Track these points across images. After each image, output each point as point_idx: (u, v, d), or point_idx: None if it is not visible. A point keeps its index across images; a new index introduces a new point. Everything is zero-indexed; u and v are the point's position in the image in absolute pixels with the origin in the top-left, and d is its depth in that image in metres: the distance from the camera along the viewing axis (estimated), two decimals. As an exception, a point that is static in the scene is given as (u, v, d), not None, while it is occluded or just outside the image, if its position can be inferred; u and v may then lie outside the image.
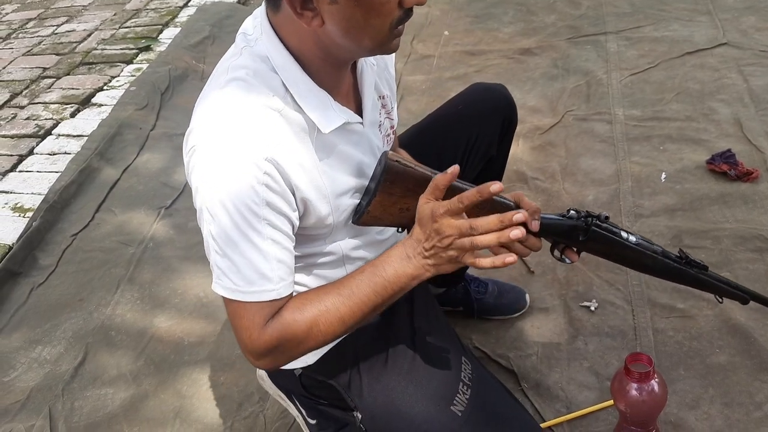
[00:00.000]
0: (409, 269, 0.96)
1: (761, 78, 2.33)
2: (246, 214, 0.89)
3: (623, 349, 1.51)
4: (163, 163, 2.45)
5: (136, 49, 3.28)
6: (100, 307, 1.86)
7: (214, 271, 0.94)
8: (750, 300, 1.25)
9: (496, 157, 1.43)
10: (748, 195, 1.86)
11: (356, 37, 0.89)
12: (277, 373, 1.23)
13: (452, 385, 1.07)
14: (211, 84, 0.96)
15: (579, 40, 2.73)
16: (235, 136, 0.88)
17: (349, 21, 0.87)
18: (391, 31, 0.90)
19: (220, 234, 0.90)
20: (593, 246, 1.14)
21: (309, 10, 0.87)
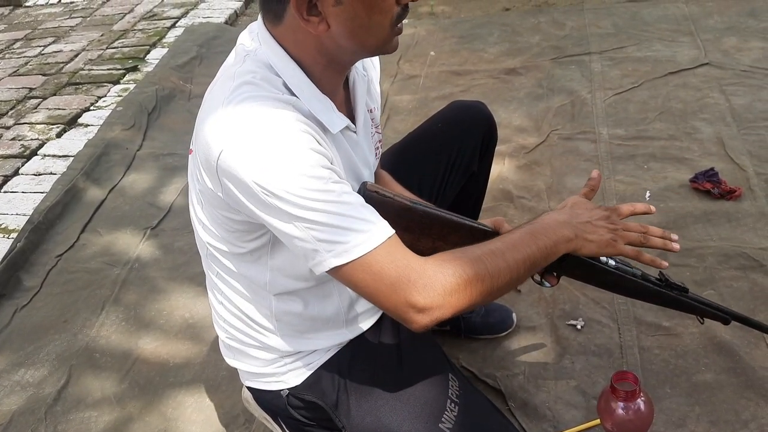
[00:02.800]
0: (566, 230, 1.02)
1: (743, 97, 2.36)
2: (312, 180, 0.87)
3: (610, 367, 1.51)
4: (150, 184, 2.44)
5: (123, 70, 3.28)
6: (85, 328, 1.84)
7: (321, 251, 0.88)
8: (731, 320, 1.26)
9: (478, 173, 1.44)
10: (731, 213, 1.88)
11: (361, 37, 0.93)
12: (263, 394, 1.23)
13: (440, 403, 1.07)
14: (216, 92, 0.96)
15: (563, 61, 2.76)
16: (266, 120, 0.88)
17: (354, 20, 0.91)
18: (392, 28, 0.94)
19: (301, 209, 0.86)
20: (572, 270, 1.16)
21: (315, 16, 0.90)
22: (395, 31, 0.95)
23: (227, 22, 3.70)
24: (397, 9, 0.93)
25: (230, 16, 3.74)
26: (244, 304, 1.12)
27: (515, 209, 2.02)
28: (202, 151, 0.92)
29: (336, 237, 0.87)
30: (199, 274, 1.98)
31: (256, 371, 1.19)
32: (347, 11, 0.90)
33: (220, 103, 0.91)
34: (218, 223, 1.02)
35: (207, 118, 0.93)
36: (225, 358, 1.26)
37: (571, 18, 3.09)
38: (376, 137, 1.19)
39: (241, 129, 0.88)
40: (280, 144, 0.87)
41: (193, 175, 1.01)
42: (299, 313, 1.11)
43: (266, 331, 1.14)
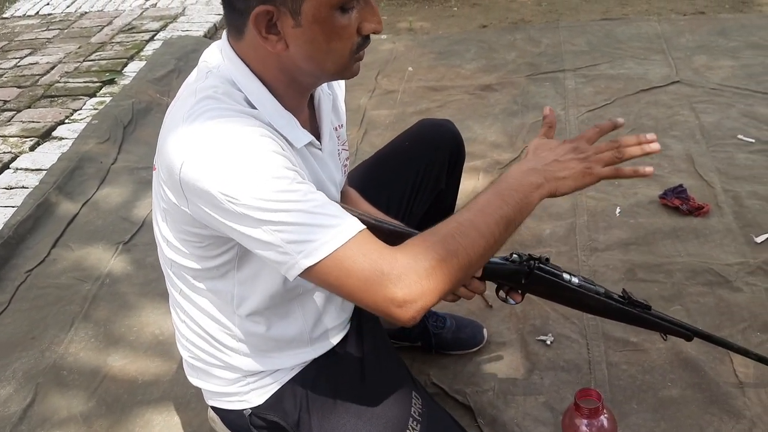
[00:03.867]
0: (533, 177, 0.97)
1: (712, 115, 2.41)
2: (277, 181, 0.86)
3: (578, 383, 1.52)
4: (124, 198, 2.42)
5: (100, 83, 3.27)
6: (53, 345, 1.82)
7: (290, 253, 0.86)
8: (694, 336, 1.28)
9: (446, 190, 1.45)
10: (699, 229, 1.91)
11: (319, 61, 0.93)
12: (227, 413, 1.22)
13: (402, 421, 1.07)
14: (177, 108, 0.95)
15: (538, 77, 2.79)
16: (228, 129, 0.87)
17: (312, 44, 0.90)
18: (351, 55, 0.94)
19: (266, 213, 0.85)
20: (536, 288, 1.18)
21: (274, 34, 0.90)
22: (355, 58, 0.95)
23: (206, 35, 3.70)
24: (358, 38, 0.93)
25: (209, 29, 3.75)
26: (207, 323, 1.12)
27: (488, 225, 2.03)
28: (165, 167, 0.92)
29: (304, 236, 0.85)
30: (170, 290, 1.97)
31: (219, 390, 1.18)
32: (306, 34, 0.90)
33: (181, 119, 0.91)
34: (184, 239, 1.01)
35: (168, 134, 0.92)
36: (188, 377, 1.25)
37: (546, 35, 3.13)
38: (343, 155, 1.19)
39: (201, 140, 0.87)
40: (241, 150, 0.86)
41: (157, 192, 1.00)
42: (262, 334, 1.11)
43: (229, 350, 1.14)
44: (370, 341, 1.20)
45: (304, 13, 0.87)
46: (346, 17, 0.90)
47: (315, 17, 0.88)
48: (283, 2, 0.87)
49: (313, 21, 0.88)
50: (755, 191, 2.02)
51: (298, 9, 0.87)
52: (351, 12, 0.90)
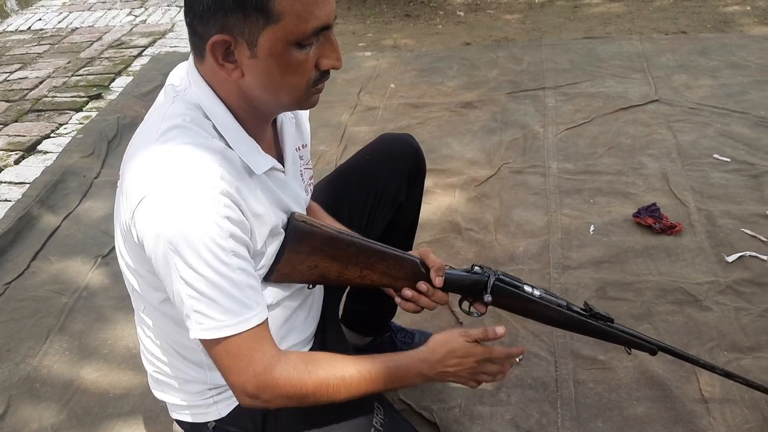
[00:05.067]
0: (428, 372, 1.07)
1: (689, 134, 2.43)
2: (214, 249, 0.89)
3: (544, 401, 1.52)
4: (105, 211, 2.43)
5: (87, 97, 3.29)
6: (28, 358, 1.82)
7: (192, 318, 0.92)
8: (658, 351, 1.29)
9: (406, 203, 1.46)
10: (671, 248, 1.92)
11: (274, 92, 0.94)
12: (191, 427, 1.22)
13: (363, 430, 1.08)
14: (145, 133, 0.96)
15: (519, 95, 2.82)
16: (188, 177, 0.89)
17: (267, 76, 0.91)
18: (308, 89, 0.95)
19: (192, 276, 0.89)
20: (498, 300, 1.19)
21: (230, 62, 0.91)
22: (312, 91, 0.96)
23: (195, 51, 3.73)
24: (316, 73, 0.94)
25: (198, 45, 3.78)
26: (170, 339, 1.12)
27: (463, 241, 2.04)
28: (127, 191, 0.93)
29: (209, 311, 0.91)
30: (146, 304, 1.97)
31: (183, 403, 1.19)
32: (261, 66, 0.91)
33: (148, 145, 0.92)
34: (139, 261, 1.01)
35: (134, 158, 0.93)
36: (153, 391, 1.25)
37: (528, 53, 3.16)
38: (306, 174, 1.21)
39: (164, 181, 0.89)
40: (197, 206, 0.88)
41: (118, 210, 1.01)
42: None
43: (192, 364, 1.14)
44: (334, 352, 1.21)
45: (260, 45, 0.89)
46: (303, 53, 0.91)
47: (270, 51, 0.89)
48: (241, 33, 0.88)
49: (269, 54, 0.89)
50: (728, 210, 2.03)
51: (255, 41, 0.88)
52: (309, 48, 0.91)
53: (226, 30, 0.88)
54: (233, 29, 0.88)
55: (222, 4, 0.86)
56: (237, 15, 0.87)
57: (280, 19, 0.87)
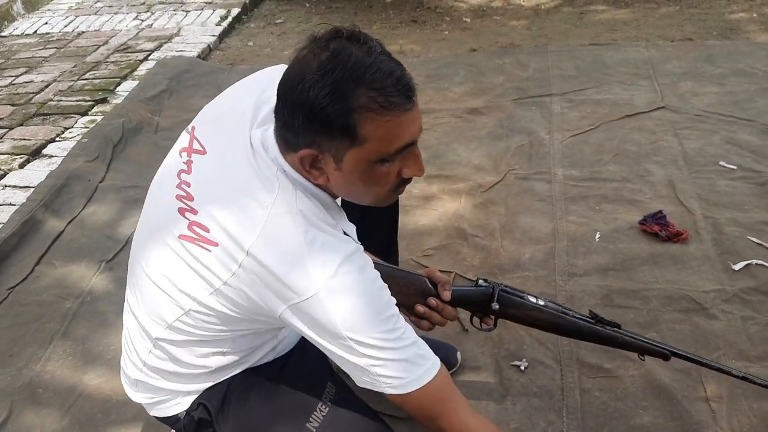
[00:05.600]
0: None
1: (695, 141, 2.42)
2: (385, 316, 0.97)
3: (550, 409, 1.51)
4: (110, 216, 2.43)
5: (93, 101, 3.29)
6: (30, 363, 1.82)
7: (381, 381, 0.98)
8: (671, 356, 1.29)
9: None
10: (677, 256, 1.91)
11: (357, 198, 1.02)
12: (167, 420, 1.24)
13: (310, 405, 1.12)
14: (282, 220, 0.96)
15: (525, 101, 2.81)
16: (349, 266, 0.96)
17: (351, 186, 0.98)
18: (388, 194, 1.01)
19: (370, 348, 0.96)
20: (505, 310, 1.22)
21: (316, 170, 0.97)
22: (393, 195, 1.02)
23: (200, 55, 3.73)
24: (397, 180, 0.99)
25: (203, 50, 3.78)
26: (186, 357, 1.12)
27: (468, 248, 2.04)
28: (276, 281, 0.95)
29: (396, 373, 0.98)
30: (150, 309, 1.97)
31: (158, 399, 1.20)
32: (345, 178, 0.96)
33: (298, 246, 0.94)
34: (239, 314, 1.02)
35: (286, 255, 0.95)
36: (127, 391, 1.26)
37: (535, 59, 3.15)
38: None
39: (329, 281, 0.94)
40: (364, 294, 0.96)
41: (204, 268, 1.00)
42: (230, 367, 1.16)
43: (190, 382, 1.17)
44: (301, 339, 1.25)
45: (345, 162, 0.94)
46: (386, 166, 0.96)
47: (355, 167, 0.94)
48: (328, 149, 0.93)
49: (353, 170, 0.95)
50: (735, 218, 2.02)
51: (341, 158, 0.94)
52: (392, 162, 0.96)
53: (314, 146, 0.94)
54: (321, 146, 0.93)
55: (311, 126, 0.92)
56: (324, 136, 0.92)
57: (365, 142, 0.92)
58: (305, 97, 0.90)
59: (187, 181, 1.04)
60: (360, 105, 0.89)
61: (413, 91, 0.93)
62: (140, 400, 1.22)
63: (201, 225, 1.00)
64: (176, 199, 1.04)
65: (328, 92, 0.89)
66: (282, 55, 3.69)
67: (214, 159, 1.05)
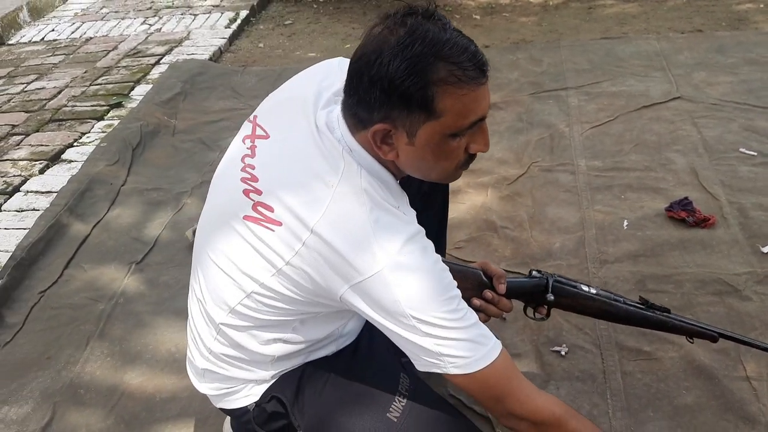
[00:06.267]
0: None
1: (713, 129, 2.45)
2: (447, 298, 0.98)
3: (593, 392, 1.54)
4: (135, 218, 2.45)
5: (107, 106, 3.30)
6: (69, 365, 1.83)
7: (444, 361, 0.98)
8: (719, 337, 1.31)
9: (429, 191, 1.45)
10: (706, 240, 1.94)
11: (425, 173, 1.03)
12: (233, 413, 1.25)
13: (388, 396, 1.13)
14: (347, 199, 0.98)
15: (542, 95, 2.84)
16: (412, 246, 0.97)
17: (421, 161, 0.99)
18: (455, 170, 1.03)
19: (434, 328, 0.97)
20: (559, 300, 1.26)
21: (387, 145, 0.98)
22: (459, 171, 1.04)
23: (211, 58, 3.75)
24: (465, 155, 1.00)
25: (214, 52, 3.80)
26: (250, 344, 1.13)
27: (499, 239, 2.06)
28: (338, 260, 0.96)
29: (460, 352, 0.98)
30: (185, 308, 1.95)
31: (226, 392, 1.21)
32: (417, 153, 0.98)
33: (363, 225, 0.96)
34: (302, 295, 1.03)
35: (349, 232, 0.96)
36: (194, 382, 1.27)
37: (547, 55, 3.18)
38: None
39: (392, 260, 0.95)
40: (425, 271, 0.97)
41: (268, 248, 1.01)
42: (295, 357, 1.17)
43: (255, 369, 1.17)
44: (365, 332, 1.26)
45: (418, 136, 0.96)
46: (457, 141, 0.97)
47: (428, 141, 0.96)
48: (402, 124, 0.95)
49: (426, 144, 0.96)
50: (760, 203, 2.05)
51: (414, 132, 0.95)
52: (462, 137, 0.97)
53: (388, 120, 0.95)
54: (395, 121, 0.95)
55: (389, 100, 0.93)
56: (402, 110, 0.93)
57: (442, 115, 0.94)
58: (384, 72, 0.91)
59: (251, 165, 1.06)
60: (439, 78, 0.91)
61: (487, 66, 0.95)
62: (207, 391, 1.23)
63: (265, 205, 1.01)
64: (241, 181, 1.06)
65: (407, 66, 0.90)
66: (294, 55, 3.71)
67: (278, 141, 1.07)
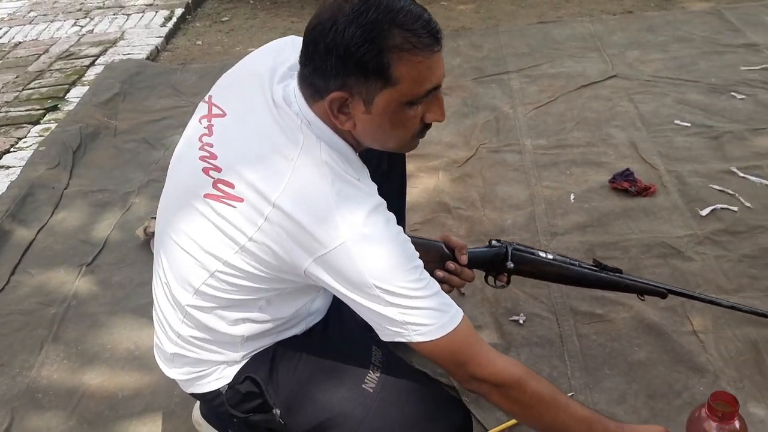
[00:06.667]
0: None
1: (649, 104, 2.56)
2: (410, 267, 0.99)
3: (552, 356, 1.60)
4: (81, 221, 2.39)
5: (43, 110, 3.21)
6: (24, 370, 1.78)
7: (410, 328, 0.99)
8: (668, 293, 1.40)
9: (388, 170, 1.48)
10: (648, 208, 2.03)
11: (382, 142, 1.04)
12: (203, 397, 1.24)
13: (362, 368, 1.14)
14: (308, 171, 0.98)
15: (484, 80, 2.90)
16: (375, 216, 0.98)
17: (378, 129, 1.00)
18: (412, 139, 1.04)
19: (397, 297, 0.98)
20: (519, 268, 1.31)
21: (344, 114, 0.98)
22: (416, 140, 1.05)
23: (149, 57, 3.67)
24: (421, 125, 1.02)
25: (151, 52, 3.72)
26: (218, 325, 1.13)
27: (453, 219, 2.10)
28: (301, 232, 0.96)
29: (423, 320, 0.99)
30: (142, 306, 1.95)
31: (196, 376, 1.20)
32: (374, 121, 0.98)
33: (325, 197, 0.96)
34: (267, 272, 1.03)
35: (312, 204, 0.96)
36: (163, 368, 1.26)
37: (487, 41, 3.26)
38: None
39: (356, 230, 0.96)
40: (388, 242, 0.98)
41: (230, 225, 1.01)
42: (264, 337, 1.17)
43: (225, 350, 1.16)
44: (334, 307, 1.27)
45: (375, 104, 0.96)
46: (413, 109, 0.99)
47: (385, 109, 0.97)
48: (359, 92, 0.96)
49: (383, 112, 0.97)
50: (696, 170, 2.16)
51: (371, 100, 0.96)
52: (418, 105, 0.99)
53: (345, 88, 0.96)
54: (352, 89, 0.96)
55: (345, 67, 0.94)
56: (358, 77, 0.94)
57: (398, 83, 0.94)
58: (339, 39, 0.92)
59: (209, 143, 1.06)
60: (394, 45, 0.92)
61: (441, 34, 0.97)
62: (177, 376, 1.22)
63: (226, 182, 1.01)
64: (200, 160, 1.05)
65: (363, 32, 0.92)
66: (233, 51, 3.67)
67: (235, 118, 1.06)
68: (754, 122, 2.37)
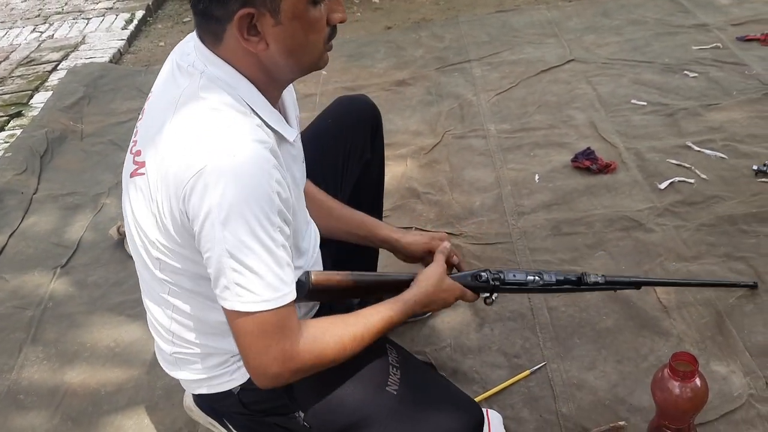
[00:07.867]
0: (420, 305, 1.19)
1: (606, 86, 2.64)
2: (265, 225, 0.93)
3: (524, 328, 1.66)
4: (52, 224, 2.38)
5: (6, 116, 3.18)
6: (4, 373, 1.78)
7: (231, 290, 0.94)
8: (641, 286, 1.47)
9: (371, 159, 1.55)
10: (610, 184, 2.11)
11: (297, 55, 1.00)
12: (213, 398, 1.23)
13: (383, 370, 1.14)
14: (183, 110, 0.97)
15: (447, 69, 2.96)
16: (245, 151, 0.93)
17: (292, 39, 0.98)
18: (324, 45, 1.03)
19: (239, 247, 0.92)
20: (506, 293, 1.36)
21: (254, 36, 0.97)
22: (326, 48, 1.04)
23: (112, 60, 3.65)
24: (328, 29, 1.02)
25: (114, 54, 3.70)
26: (200, 316, 1.12)
27: (422, 204, 2.16)
28: (175, 167, 0.94)
29: (252, 287, 0.94)
30: (119, 304, 1.96)
31: (205, 376, 1.19)
32: (286, 31, 0.97)
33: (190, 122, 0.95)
34: (182, 238, 1.01)
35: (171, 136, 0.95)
36: (169, 372, 1.25)
37: (448, 31, 3.32)
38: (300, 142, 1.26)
39: (221, 154, 0.92)
40: (254, 180, 0.92)
41: (147, 196, 1.01)
42: None
43: (219, 337, 1.14)
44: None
45: (283, 11, 0.95)
46: (318, 10, 0.98)
47: (294, 13, 0.96)
48: (263, 3, 0.94)
49: (293, 17, 0.96)
50: (653, 146, 2.25)
51: (277, 8, 0.95)
52: (321, 5, 0.99)
53: (248, 4, 0.94)
54: (255, 2, 0.94)
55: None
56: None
57: None
58: None
59: (135, 140, 1.08)
60: None
61: None
62: (185, 376, 1.21)
63: (137, 152, 1.03)
64: (129, 153, 1.07)
65: None
66: (198, 51, 3.66)
67: (151, 109, 1.07)
68: (707, 99, 2.46)
